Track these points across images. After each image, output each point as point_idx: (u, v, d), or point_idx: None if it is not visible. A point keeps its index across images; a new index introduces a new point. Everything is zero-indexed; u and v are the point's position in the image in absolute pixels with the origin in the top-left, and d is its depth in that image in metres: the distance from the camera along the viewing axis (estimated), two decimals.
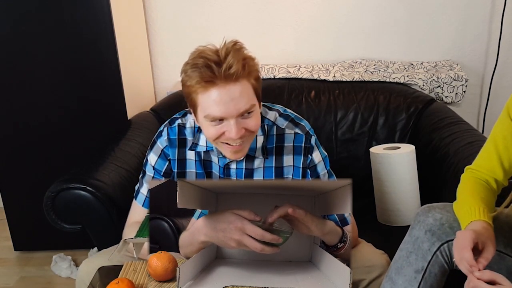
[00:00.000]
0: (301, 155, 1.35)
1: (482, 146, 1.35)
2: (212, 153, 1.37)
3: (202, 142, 1.36)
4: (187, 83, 1.20)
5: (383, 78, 2.21)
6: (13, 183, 2.34)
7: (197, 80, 1.16)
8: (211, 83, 1.16)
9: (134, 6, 2.35)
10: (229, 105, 1.17)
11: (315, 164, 1.38)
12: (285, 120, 1.38)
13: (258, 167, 1.37)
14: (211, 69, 1.15)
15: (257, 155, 1.34)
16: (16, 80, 2.18)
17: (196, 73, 1.16)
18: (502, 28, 2.35)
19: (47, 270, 2.35)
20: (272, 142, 1.35)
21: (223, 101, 1.17)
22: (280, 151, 1.36)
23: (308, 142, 1.36)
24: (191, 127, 1.38)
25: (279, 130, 1.36)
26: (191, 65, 1.18)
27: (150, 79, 2.53)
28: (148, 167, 1.42)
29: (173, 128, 1.39)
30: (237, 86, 1.17)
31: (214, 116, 1.19)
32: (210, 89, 1.17)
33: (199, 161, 1.38)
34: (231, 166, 1.37)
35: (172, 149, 1.38)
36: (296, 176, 1.37)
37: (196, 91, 1.19)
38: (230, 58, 1.15)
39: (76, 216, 1.65)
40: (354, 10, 2.41)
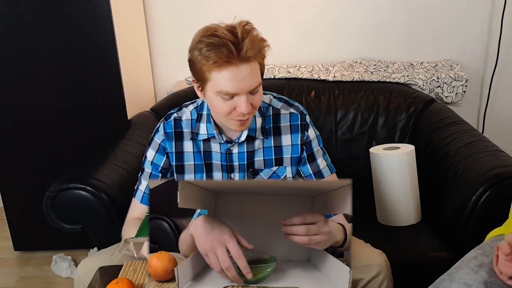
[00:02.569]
0: (298, 132, 1.42)
1: (482, 146, 1.34)
2: (213, 140, 1.40)
3: (202, 130, 1.40)
4: (201, 61, 1.21)
5: (383, 78, 2.21)
6: (13, 183, 2.34)
7: (214, 60, 1.19)
8: (227, 63, 1.20)
9: (134, 6, 2.35)
10: (242, 83, 1.22)
11: (310, 140, 1.44)
12: (280, 101, 1.44)
13: (258, 148, 1.42)
14: (228, 49, 1.18)
15: (257, 136, 1.40)
16: (16, 80, 2.18)
17: (213, 53, 1.19)
18: (502, 28, 2.35)
19: (47, 270, 2.35)
20: (269, 122, 1.41)
21: (237, 79, 1.21)
22: (278, 131, 1.42)
23: (304, 120, 1.42)
24: (188, 119, 1.42)
25: (275, 110, 1.42)
26: (206, 44, 1.20)
27: (150, 79, 2.53)
28: (147, 163, 1.45)
29: (169, 122, 1.42)
30: (249, 65, 1.22)
31: (228, 92, 1.23)
32: (225, 67, 1.20)
33: (198, 152, 1.41)
34: (233, 151, 1.40)
35: (169, 142, 1.41)
36: (295, 153, 1.42)
37: (209, 68, 1.22)
38: (248, 41, 1.19)
39: (76, 216, 1.65)
40: (354, 10, 2.41)
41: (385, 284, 1.35)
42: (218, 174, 1.43)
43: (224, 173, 1.42)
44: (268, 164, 1.43)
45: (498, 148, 1.69)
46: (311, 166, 1.45)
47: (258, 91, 1.28)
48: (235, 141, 1.40)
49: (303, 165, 1.45)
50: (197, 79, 1.28)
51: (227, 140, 1.39)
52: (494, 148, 1.69)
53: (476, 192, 1.51)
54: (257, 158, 1.42)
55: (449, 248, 1.65)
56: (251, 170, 1.42)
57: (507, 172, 1.52)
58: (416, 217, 1.82)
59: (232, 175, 1.42)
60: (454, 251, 1.62)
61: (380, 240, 1.72)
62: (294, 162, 1.44)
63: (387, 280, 1.36)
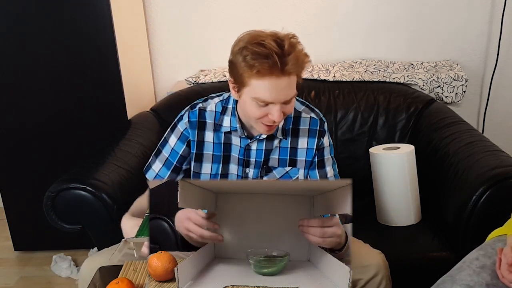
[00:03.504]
0: (315, 137, 1.45)
1: (482, 146, 1.34)
2: (234, 133, 1.43)
3: (226, 123, 1.43)
4: (244, 67, 1.24)
5: (383, 78, 2.21)
6: (13, 183, 2.34)
7: (258, 70, 1.22)
8: (269, 74, 1.23)
9: (134, 6, 2.35)
10: (279, 94, 1.26)
11: (324, 147, 1.47)
12: (302, 104, 1.48)
13: (275, 147, 1.45)
14: (273, 61, 1.21)
15: (277, 135, 1.43)
16: (16, 80, 2.18)
17: (258, 62, 1.21)
18: (502, 28, 2.35)
19: (47, 270, 2.35)
20: (289, 123, 1.45)
21: (276, 89, 1.25)
22: (296, 133, 1.45)
23: (322, 127, 1.46)
24: (212, 111, 1.45)
25: (296, 112, 1.45)
26: (251, 51, 1.22)
27: (150, 79, 2.53)
28: (167, 147, 1.48)
29: (194, 111, 1.45)
30: (289, 78, 1.26)
31: (265, 100, 1.26)
32: (267, 78, 1.23)
33: (218, 143, 1.44)
34: (251, 147, 1.44)
35: (192, 131, 1.44)
36: (309, 157, 1.45)
37: (250, 75, 1.24)
38: (293, 56, 1.23)
39: (76, 216, 1.65)
40: (354, 10, 2.41)
41: (384, 284, 1.35)
42: (234, 167, 1.46)
43: (240, 167, 1.45)
44: (282, 164, 1.46)
45: (498, 148, 1.69)
46: (320, 172, 1.47)
47: (291, 101, 1.32)
48: (256, 138, 1.43)
49: (312, 169, 1.47)
50: (235, 81, 1.31)
51: (248, 135, 1.43)
52: (494, 148, 1.69)
53: (476, 192, 1.51)
54: (273, 156, 1.46)
55: (449, 248, 1.65)
56: (265, 167, 1.46)
57: (507, 172, 1.52)
58: (416, 217, 1.82)
59: (247, 170, 1.46)
60: (454, 251, 1.62)
61: (380, 240, 1.72)
62: (307, 165, 1.46)
63: (385, 280, 1.36)
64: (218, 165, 1.45)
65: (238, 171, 1.45)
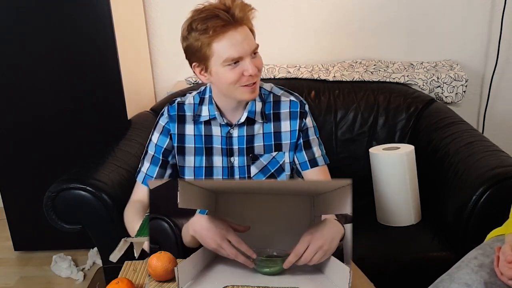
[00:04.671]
0: (297, 119, 1.46)
1: (482, 146, 1.35)
2: (214, 122, 1.44)
3: (204, 112, 1.45)
4: (200, 37, 1.28)
5: (383, 78, 2.21)
6: (13, 183, 2.34)
7: (214, 29, 1.26)
8: (225, 29, 1.27)
9: (134, 6, 2.35)
10: (244, 45, 1.30)
11: (307, 128, 1.48)
12: (280, 89, 1.50)
13: (257, 133, 1.46)
14: (222, 16, 1.26)
15: (257, 119, 1.44)
16: (16, 79, 2.18)
17: (209, 23, 1.26)
18: (502, 28, 2.35)
19: (47, 270, 2.35)
20: (270, 108, 1.47)
21: (238, 42, 1.29)
22: (278, 117, 1.46)
23: (303, 108, 1.47)
24: (190, 103, 1.47)
25: (276, 97, 1.47)
26: (199, 19, 1.28)
27: (150, 79, 2.53)
28: (151, 145, 1.50)
29: (173, 106, 1.48)
30: (243, 28, 1.31)
31: (233, 57, 1.29)
32: (224, 34, 1.27)
33: (199, 135, 1.45)
34: (233, 134, 1.45)
35: (173, 124, 1.46)
36: (294, 138, 1.46)
37: (209, 42, 1.28)
38: (236, 5, 1.29)
39: (76, 216, 1.65)
40: (354, 10, 2.41)
41: None
42: (218, 159, 1.46)
43: (224, 157, 1.46)
44: (268, 150, 1.47)
45: (498, 148, 1.69)
46: (307, 153, 1.48)
47: (257, 54, 1.35)
48: (236, 124, 1.43)
49: (299, 151, 1.48)
50: (198, 60, 1.33)
51: (227, 122, 1.44)
52: (494, 148, 1.69)
53: (476, 192, 1.51)
54: (257, 144, 1.46)
55: (449, 248, 1.65)
56: (251, 155, 1.46)
57: (507, 172, 1.52)
58: (416, 217, 1.82)
59: (232, 159, 1.46)
60: (454, 251, 1.62)
61: (380, 240, 1.73)
62: (292, 147, 1.47)
63: None
64: (201, 157, 1.47)
65: (223, 162, 1.46)
